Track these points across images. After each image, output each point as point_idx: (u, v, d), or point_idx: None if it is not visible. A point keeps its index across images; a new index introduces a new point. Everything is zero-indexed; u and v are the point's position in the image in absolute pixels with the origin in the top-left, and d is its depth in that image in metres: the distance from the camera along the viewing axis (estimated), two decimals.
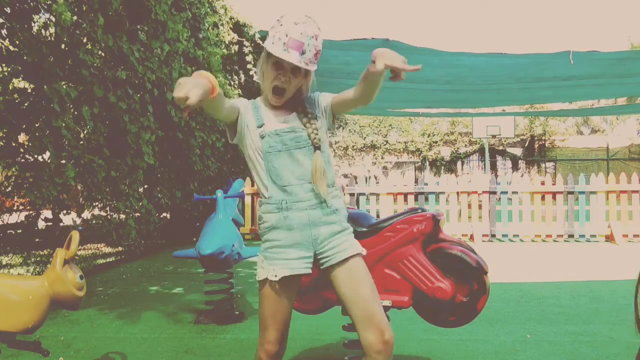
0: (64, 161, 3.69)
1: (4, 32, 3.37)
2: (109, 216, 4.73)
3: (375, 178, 9.02)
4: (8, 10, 3.25)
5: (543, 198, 8.06)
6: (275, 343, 1.73)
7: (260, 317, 1.76)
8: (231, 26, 7.54)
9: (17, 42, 3.28)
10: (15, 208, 4.64)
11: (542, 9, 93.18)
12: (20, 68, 3.50)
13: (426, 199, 8.20)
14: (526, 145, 23.16)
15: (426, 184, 8.22)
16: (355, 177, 15.57)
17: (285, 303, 1.72)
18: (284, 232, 1.68)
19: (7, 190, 4.36)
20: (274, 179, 1.69)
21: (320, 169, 1.67)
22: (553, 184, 8.14)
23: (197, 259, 3.35)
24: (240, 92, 7.81)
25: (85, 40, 3.90)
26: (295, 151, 1.69)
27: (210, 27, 6.37)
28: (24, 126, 3.74)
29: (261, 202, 1.74)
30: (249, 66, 7.96)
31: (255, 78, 8.12)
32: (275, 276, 1.67)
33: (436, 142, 23.47)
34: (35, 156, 3.78)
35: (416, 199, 8.25)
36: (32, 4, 3.40)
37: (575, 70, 7.72)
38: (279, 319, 1.72)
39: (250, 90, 8.50)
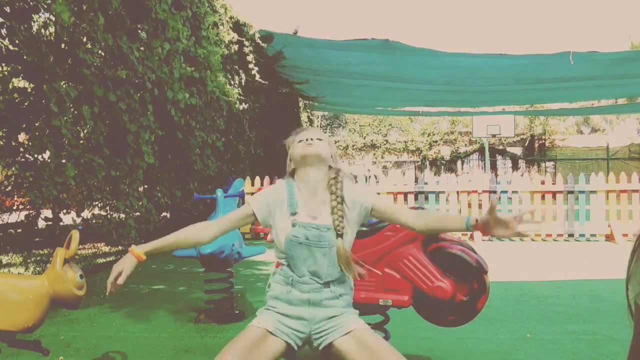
0: (64, 160, 3.69)
1: (3, 31, 3.36)
2: (109, 215, 4.73)
3: (376, 177, 9.02)
4: (7, 9, 3.25)
5: (543, 197, 8.06)
6: None
7: (224, 348, 1.60)
8: (231, 26, 7.54)
9: (17, 42, 3.28)
10: (15, 207, 4.64)
11: (542, 9, 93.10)
12: (20, 67, 3.50)
13: (426, 198, 8.20)
14: (526, 144, 23.16)
15: (426, 184, 8.22)
16: (356, 177, 15.57)
17: (258, 354, 1.58)
18: (284, 304, 1.71)
19: (7, 189, 4.36)
20: (291, 266, 1.73)
21: (344, 255, 1.69)
22: (553, 184, 8.14)
23: (197, 258, 3.35)
24: (241, 91, 7.81)
25: (85, 39, 3.90)
26: (315, 249, 1.70)
27: (210, 27, 6.37)
28: (24, 125, 3.74)
29: (275, 271, 1.79)
30: (250, 66, 7.96)
31: (257, 77, 8.12)
32: (258, 322, 1.67)
33: (436, 141, 23.47)
34: (35, 155, 3.78)
35: (416, 198, 8.26)
36: (31, 3, 3.39)
37: (575, 72, 7.72)
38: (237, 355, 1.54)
39: (251, 90, 8.50)
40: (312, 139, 1.80)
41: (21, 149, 3.88)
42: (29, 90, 3.78)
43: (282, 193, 1.78)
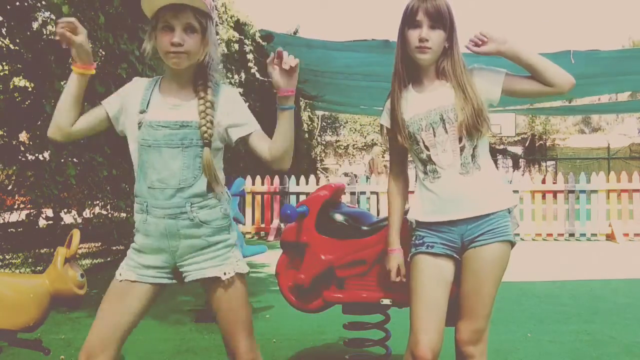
0: (63, 160, 3.70)
1: (4, 30, 3.37)
2: (110, 215, 4.73)
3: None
4: (8, 7, 3.25)
5: (544, 197, 8.05)
6: (91, 346, 1.51)
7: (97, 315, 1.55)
8: (232, 24, 7.53)
9: (17, 40, 3.28)
10: (16, 207, 4.65)
11: (542, 8, 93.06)
12: (20, 66, 3.51)
13: None
14: (527, 144, 23.13)
15: None
16: (356, 176, 15.57)
17: (121, 308, 1.51)
18: (142, 236, 1.55)
19: (8, 188, 4.36)
20: (142, 176, 1.52)
21: (211, 167, 1.49)
22: (554, 183, 8.13)
23: None
24: (242, 90, 7.81)
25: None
26: (165, 149, 1.49)
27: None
28: (25, 125, 3.74)
29: (132, 198, 1.60)
30: (249, 64, 7.96)
31: (258, 76, 8.12)
32: (120, 275, 1.55)
33: None
34: (36, 155, 3.78)
35: None
36: (31, 1, 3.40)
37: (576, 70, 7.72)
38: (105, 323, 1.51)
39: (252, 89, 8.50)
40: (179, 42, 1.45)
41: (22, 148, 3.88)
42: (30, 89, 3.78)
43: (140, 89, 1.57)
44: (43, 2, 3.39)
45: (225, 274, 1.55)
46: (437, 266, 1.66)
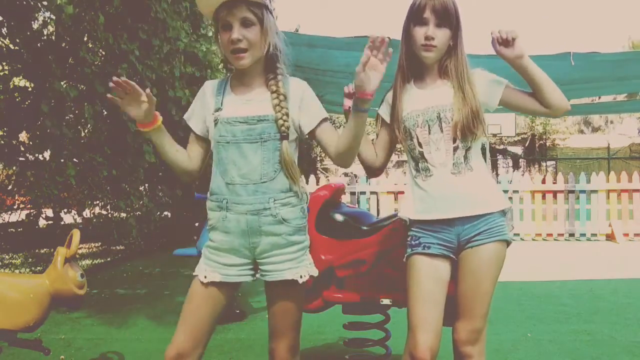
0: (63, 160, 3.70)
1: (4, 30, 3.37)
2: (110, 215, 4.74)
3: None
4: (9, 7, 3.25)
5: (544, 197, 8.05)
6: (176, 348, 1.56)
7: (180, 315, 1.59)
8: None
9: (18, 41, 3.28)
10: (16, 207, 4.65)
11: (542, 9, 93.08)
12: (20, 66, 3.51)
13: None
14: (527, 144, 23.14)
15: None
16: (356, 176, 15.58)
17: (207, 309, 1.53)
18: (222, 234, 1.54)
19: (8, 188, 4.36)
20: (221, 173, 1.53)
21: (290, 160, 1.50)
22: (554, 183, 8.13)
23: (198, 257, 3.35)
24: None
25: (85, 38, 3.90)
26: (245, 145, 1.50)
27: (210, 25, 6.37)
28: (25, 125, 3.74)
29: (208, 196, 1.59)
30: None
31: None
32: (205, 277, 1.54)
33: None
34: (36, 155, 3.79)
35: None
36: (31, 2, 3.40)
37: (576, 74, 7.70)
38: (194, 323, 1.53)
39: None
40: (237, 38, 1.46)
41: (22, 148, 3.88)
42: (30, 89, 3.78)
43: (211, 90, 1.60)
44: (44, 2, 3.39)
45: (301, 277, 1.54)
46: (434, 266, 1.65)
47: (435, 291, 1.63)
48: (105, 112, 4.05)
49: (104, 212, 4.85)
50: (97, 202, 4.91)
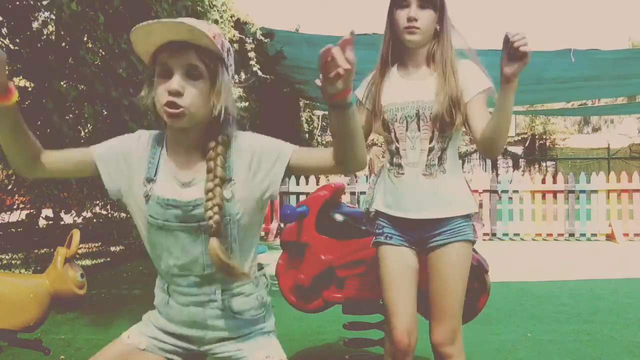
0: None
1: (4, 30, 3.37)
2: (109, 215, 4.74)
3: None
4: (10, 6, 3.25)
5: (544, 197, 8.05)
6: None
7: None
8: (232, 24, 7.54)
9: (18, 40, 3.28)
10: (15, 207, 4.65)
11: (542, 8, 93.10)
12: (20, 66, 3.50)
13: None
14: (527, 144, 23.14)
15: None
16: (356, 176, 15.57)
17: None
18: (165, 321, 1.29)
19: (7, 188, 4.36)
20: (155, 259, 1.26)
21: (222, 262, 1.14)
22: (554, 183, 8.13)
23: None
24: (242, 91, 7.81)
25: (85, 38, 3.90)
26: (180, 233, 1.19)
27: (210, 23, 6.37)
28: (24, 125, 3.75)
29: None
30: (251, 63, 7.96)
31: (260, 74, 8.10)
32: (128, 337, 1.33)
33: None
34: None
35: None
36: (31, 1, 3.39)
37: (575, 71, 7.69)
38: None
39: (252, 89, 8.49)
40: (176, 90, 1.10)
41: None
42: (30, 89, 3.78)
43: (145, 147, 1.24)
44: (44, 2, 3.39)
45: (267, 357, 1.23)
46: (400, 253, 1.68)
47: (404, 277, 1.66)
48: (105, 112, 4.05)
49: (104, 212, 4.85)
50: (97, 202, 4.91)
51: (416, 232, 1.66)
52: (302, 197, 7.83)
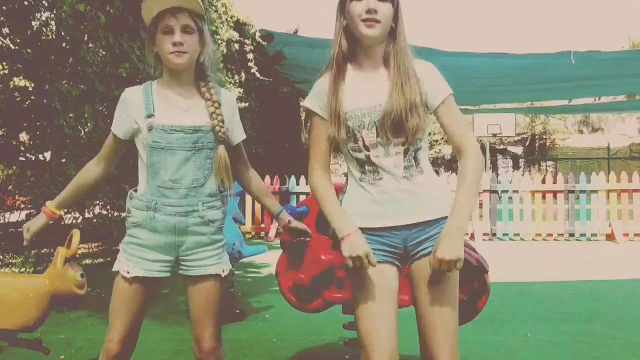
0: (64, 160, 3.70)
1: (5, 30, 3.37)
2: (110, 215, 4.73)
3: None
4: (10, 6, 3.24)
5: (544, 197, 8.05)
6: (118, 343, 1.69)
7: (110, 313, 1.73)
8: (232, 25, 7.54)
9: (18, 40, 3.28)
10: (16, 207, 4.64)
11: (542, 8, 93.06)
12: (20, 66, 3.50)
13: None
14: (527, 144, 23.14)
15: None
16: None
17: (135, 303, 1.68)
18: (148, 232, 1.64)
19: (8, 188, 4.36)
20: (152, 175, 1.62)
21: (227, 165, 1.65)
22: (554, 183, 8.13)
23: None
24: (241, 90, 7.81)
25: (86, 38, 3.90)
26: (179, 152, 1.60)
27: (210, 25, 6.37)
28: (25, 125, 3.74)
29: (132, 195, 1.67)
30: (249, 64, 7.96)
31: (258, 75, 8.11)
32: (128, 273, 1.65)
33: (437, 140, 23.45)
34: (36, 155, 3.78)
35: None
36: (32, 2, 3.39)
37: (576, 72, 7.69)
38: (125, 318, 1.69)
39: (251, 89, 8.50)
40: (179, 41, 1.57)
41: (22, 148, 3.88)
42: (30, 89, 3.78)
43: (137, 95, 1.66)
44: (44, 3, 3.39)
45: (223, 271, 1.71)
46: (382, 276, 1.49)
47: (387, 306, 1.47)
48: (106, 112, 4.05)
49: (104, 212, 4.85)
50: (98, 202, 4.90)
51: (402, 239, 1.50)
52: (302, 197, 7.83)
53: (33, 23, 3.70)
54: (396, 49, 1.49)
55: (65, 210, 4.77)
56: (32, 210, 4.53)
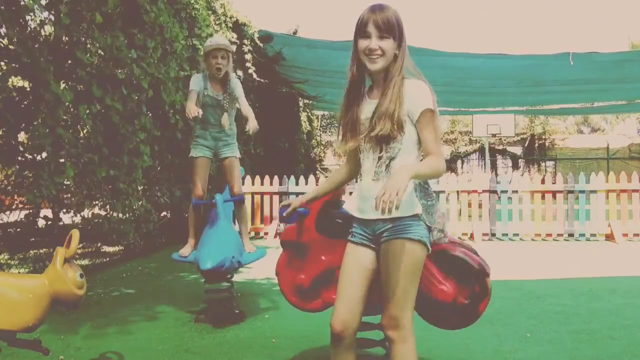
0: (62, 160, 3.69)
1: (2, 31, 3.36)
2: (108, 215, 4.73)
3: None
4: (5, 7, 3.23)
5: (543, 197, 8.05)
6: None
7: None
8: (230, 25, 7.53)
9: (15, 40, 3.27)
10: (14, 207, 4.63)
11: (542, 9, 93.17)
12: (17, 66, 3.49)
13: None
14: (526, 144, 23.14)
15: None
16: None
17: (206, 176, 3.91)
18: (202, 140, 3.77)
19: (7, 188, 4.35)
20: (204, 122, 3.71)
21: (225, 120, 3.68)
22: (553, 183, 8.13)
23: (193, 263, 3.37)
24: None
25: (83, 39, 3.89)
26: (215, 108, 3.69)
27: (206, 26, 6.36)
28: (23, 125, 3.73)
29: (197, 128, 3.77)
30: (247, 64, 7.96)
31: (255, 77, 8.13)
32: (196, 154, 3.75)
33: None
34: (35, 155, 3.77)
35: None
36: (22, 3, 3.37)
37: (575, 74, 7.69)
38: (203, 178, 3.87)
39: (250, 90, 8.49)
40: (219, 64, 3.63)
41: (20, 149, 3.87)
42: (28, 89, 3.76)
43: (200, 78, 3.69)
44: (42, 2, 3.38)
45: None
46: (358, 253, 1.89)
47: (354, 275, 1.86)
48: (103, 111, 4.03)
49: (103, 213, 4.84)
50: (96, 202, 4.89)
51: (371, 230, 1.87)
52: None
53: (31, 23, 3.69)
54: (392, 72, 1.81)
55: (64, 210, 4.77)
56: (30, 210, 4.52)
